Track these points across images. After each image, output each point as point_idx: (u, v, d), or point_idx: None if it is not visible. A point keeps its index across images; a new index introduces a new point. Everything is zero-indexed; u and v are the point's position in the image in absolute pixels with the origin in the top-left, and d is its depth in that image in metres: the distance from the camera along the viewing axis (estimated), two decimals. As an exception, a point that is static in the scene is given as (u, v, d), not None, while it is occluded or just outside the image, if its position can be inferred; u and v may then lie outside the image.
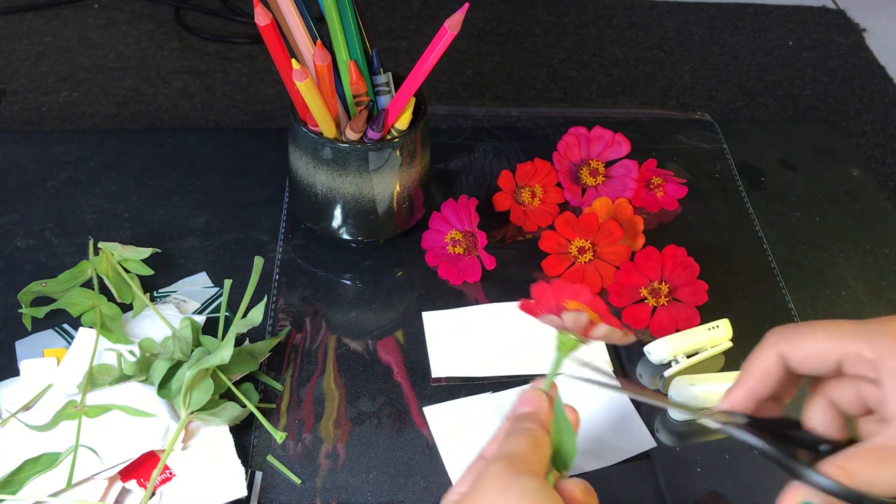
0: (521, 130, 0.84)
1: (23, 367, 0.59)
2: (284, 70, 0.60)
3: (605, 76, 0.97)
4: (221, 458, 0.55)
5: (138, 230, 0.71)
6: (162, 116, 0.86)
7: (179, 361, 0.57)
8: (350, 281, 0.69)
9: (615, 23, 1.06)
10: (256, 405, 0.58)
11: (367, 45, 0.64)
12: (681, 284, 0.67)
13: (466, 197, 0.69)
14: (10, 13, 0.98)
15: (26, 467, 0.52)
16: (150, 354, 0.59)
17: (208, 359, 0.56)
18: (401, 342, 0.64)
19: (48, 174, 0.76)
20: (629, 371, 0.63)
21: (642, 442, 0.58)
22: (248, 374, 0.59)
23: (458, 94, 0.93)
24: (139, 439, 0.54)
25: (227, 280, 0.65)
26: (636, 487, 0.56)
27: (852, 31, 1.09)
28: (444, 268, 0.69)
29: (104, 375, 0.57)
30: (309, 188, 0.66)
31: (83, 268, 0.64)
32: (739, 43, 1.05)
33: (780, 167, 0.82)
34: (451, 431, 0.58)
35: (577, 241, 0.69)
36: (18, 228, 0.71)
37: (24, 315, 0.62)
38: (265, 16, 0.57)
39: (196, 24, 0.99)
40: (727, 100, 0.97)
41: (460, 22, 0.57)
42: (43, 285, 0.62)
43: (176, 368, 0.57)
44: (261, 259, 0.64)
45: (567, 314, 0.45)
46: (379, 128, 0.63)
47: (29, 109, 0.85)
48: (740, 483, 0.57)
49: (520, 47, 1.01)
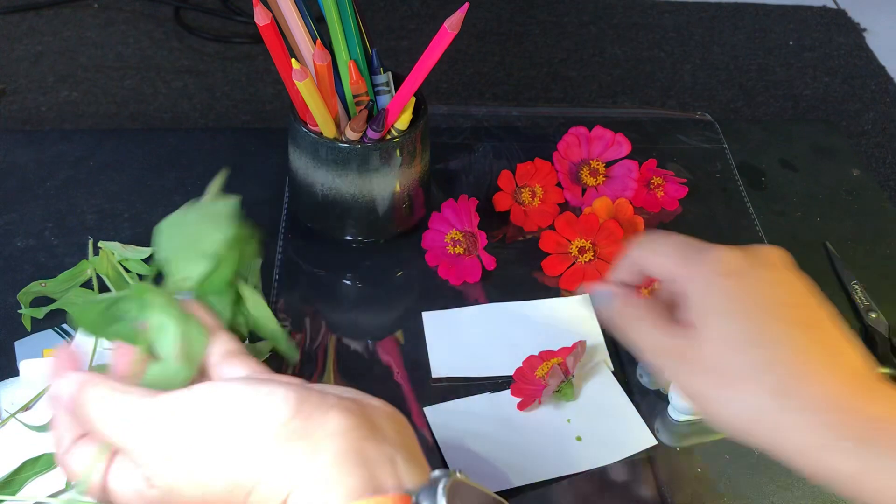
0: (521, 130, 0.84)
1: (22, 367, 0.59)
2: (284, 70, 0.60)
3: (605, 76, 0.97)
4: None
5: (138, 230, 0.71)
6: (162, 116, 0.86)
7: None
8: (350, 281, 0.69)
9: (615, 23, 1.06)
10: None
11: (367, 45, 0.64)
12: (681, 284, 0.66)
13: (466, 197, 0.69)
14: (10, 13, 0.98)
15: (26, 468, 0.52)
16: None
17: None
18: (401, 342, 0.64)
19: (48, 174, 0.76)
20: (629, 371, 0.63)
21: (642, 440, 0.58)
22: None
23: (458, 94, 0.93)
24: None
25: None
26: (636, 487, 0.56)
27: (852, 31, 1.09)
28: (444, 268, 0.69)
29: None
30: (309, 188, 0.66)
31: (83, 268, 0.63)
32: (739, 43, 1.05)
33: (780, 167, 0.82)
34: (451, 431, 0.58)
35: (577, 241, 0.69)
36: (18, 228, 0.71)
37: (23, 315, 0.62)
38: (265, 16, 0.57)
39: (196, 24, 0.99)
40: (727, 100, 0.97)
41: (460, 22, 0.57)
42: (42, 285, 0.62)
43: None
44: (259, 259, 0.64)
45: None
46: (379, 128, 0.63)
47: (28, 109, 0.85)
48: (740, 483, 0.57)
49: (520, 47, 1.01)
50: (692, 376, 0.41)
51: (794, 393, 0.38)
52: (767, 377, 0.39)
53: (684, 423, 0.60)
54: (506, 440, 0.58)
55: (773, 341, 0.39)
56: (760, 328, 0.40)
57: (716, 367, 0.40)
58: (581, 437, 0.58)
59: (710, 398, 0.41)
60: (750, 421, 0.39)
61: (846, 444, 0.37)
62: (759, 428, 0.39)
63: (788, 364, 0.39)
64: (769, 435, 0.39)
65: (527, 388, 0.59)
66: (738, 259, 0.42)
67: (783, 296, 0.41)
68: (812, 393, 0.38)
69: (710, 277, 0.42)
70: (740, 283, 0.41)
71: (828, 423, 0.37)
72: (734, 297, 0.41)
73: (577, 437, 0.58)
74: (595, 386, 0.61)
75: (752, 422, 0.39)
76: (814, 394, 0.38)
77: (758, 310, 0.40)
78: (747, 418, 0.39)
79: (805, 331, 0.40)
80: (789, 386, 0.38)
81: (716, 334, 0.41)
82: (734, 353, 0.40)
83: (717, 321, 0.41)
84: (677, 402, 0.59)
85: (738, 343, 0.40)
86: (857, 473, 0.37)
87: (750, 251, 0.43)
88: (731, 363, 0.40)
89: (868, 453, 0.36)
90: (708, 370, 0.41)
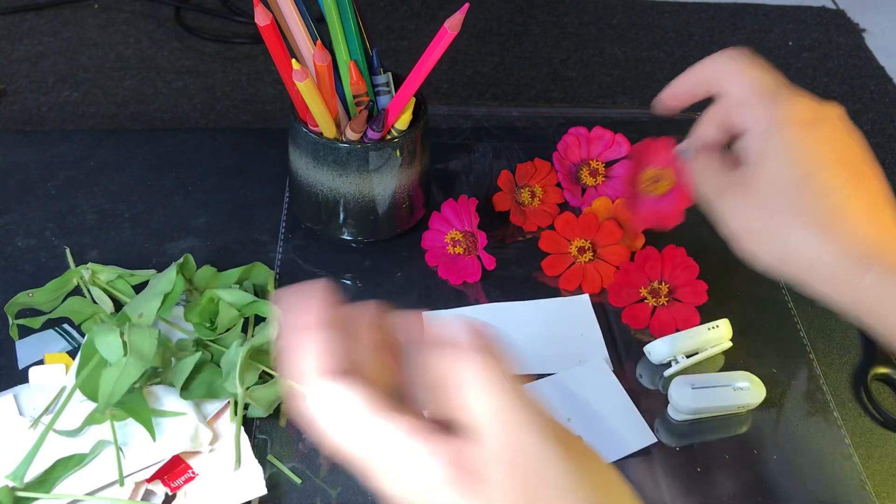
0: (521, 130, 0.84)
1: (32, 374, 0.59)
2: (284, 70, 0.60)
3: (605, 76, 0.96)
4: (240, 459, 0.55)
5: (138, 230, 0.71)
6: (162, 116, 0.86)
7: (201, 362, 0.57)
8: (350, 281, 0.69)
9: (615, 23, 1.06)
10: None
11: (367, 45, 0.64)
12: (681, 284, 0.67)
13: (466, 197, 0.69)
14: (10, 13, 0.98)
15: (59, 467, 0.53)
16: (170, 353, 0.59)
17: (258, 338, 0.58)
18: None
19: (48, 174, 0.76)
20: (628, 370, 0.63)
21: (642, 438, 0.58)
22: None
23: (458, 94, 0.93)
24: (168, 441, 0.54)
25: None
26: (636, 487, 0.56)
27: (852, 31, 1.09)
28: (444, 268, 0.69)
29: None
30: (309, 188, 0.66)
31: (69, 277, 0.63)
32: (739, 43, 1.05)
33: (779, 167, 0.82)
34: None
35: (577, 241, 0.69)
36: (18, 228, 0.71)
37: (11, 326, 0.61)
38: (265, 16, 0.57)
39: (196, 24, 0.99)
40: (727, 100, 0.97)
41: (460, 22, 0.57)
42: (29, 296, 0.61)
43: (197, 371, 0.57)
44: (271, 273, 0.66)
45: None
46: (379, 128, 0.63)
47: (29, 109, 0.85)
48: (740, 483, 0.57)
49: (520, 47, 1.01)
50: (746, 211, 0.46)
51: (836, 232, 0.43)
52: (813, 217, 0.44)
53: (684, 422, 0.60)
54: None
55: (824, 188, 0.44)
56: (814, 176, 0.44)
57: (768, 204, 0.45)
58: (581, 436, 0.58)
59: (758, 232, 0.46)
60: (789, 256, 0.45)
61: (873, 274, 0.42)
62: (797, 262, 0.44)
63: (834, 210, 0.44)
64: (806, 268, 0.44)
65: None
66: (809, 111, 0.46)
67: (839, 150, 0.45)
68: (851, 232, 0.43)
69: (778, 123, 0.46)
70: (804, 133, 0.45)
71: (860, 257, 0.43)
72: (796, 146, 0.45)
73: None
74: (595, 386, 0.61)
75: (792, 257, 0.44)
76: (852, 233, 0.43)
77: (814, 159, 0.45)
78: (787, 253, 0.45)
79: (852, 181, 0.44)
80: (832, 226, 0.43)
81: (773, 176, 0.45)
82: (787, 194, 0.45)
83: (777, 164, 0.45)
84: (677, 401, 0.59)
85: (792, 186, 0.44)
86: (879, 299, 0.42)
87: (820, 106, 0.46)
88: (782, 203, 0.45)
89: (890, 281, 0.42)
90: (761, 206, 0.45)
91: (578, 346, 0.64)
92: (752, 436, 0.60)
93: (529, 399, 0.37)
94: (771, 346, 0.66)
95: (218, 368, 0.58)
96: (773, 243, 0.45)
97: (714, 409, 0.60)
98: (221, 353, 0.58)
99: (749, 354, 0.65)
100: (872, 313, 0.43)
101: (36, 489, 0.52)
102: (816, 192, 0.44)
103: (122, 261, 0.67)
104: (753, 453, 0.59)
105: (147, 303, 0.59)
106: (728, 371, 0.62)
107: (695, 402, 0.59)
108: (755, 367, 0.62)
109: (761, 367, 0.63)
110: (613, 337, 0.66)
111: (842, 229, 0.43)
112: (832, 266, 0.43)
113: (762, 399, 0.60)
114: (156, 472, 0.54)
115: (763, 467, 0.58)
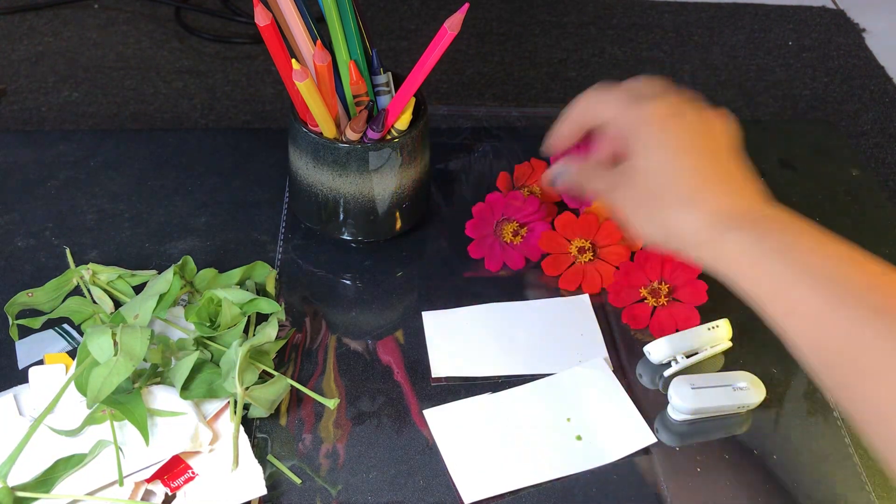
0: (521, 130, 0.84)
1: (32, 374, 0.59)
2: (284, 70, 0.60)
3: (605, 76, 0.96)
4: (240, 459, 0.55)
5: (138, 230, 0.71)
6: (162, 116, 0.86)
7: (201, 362, 0.57)
8: (350, 281, 0.69)
9: (615, 23, 1.06)
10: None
11: (367, 45, 0.64)
12: (680, 284, 0.67)
13: None
14: (10, 13, 0.98)
15: (59, 467, 0.52)
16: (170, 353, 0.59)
17: (258, 337, 0.58)
18: (401, 342, 0.65)
19: (48, 174, 0.76)
20: (628, 370, 0.63)
21: (642, 438, 0.58)
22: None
23: (458, 94, 0.93)
24: (168, 441, 0.54)
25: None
26: (636, 487, 0.56)
27: (852, 31, 1.09)
28: (489, 256, 0.70)
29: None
30: (309, 188, 0.66)
31: (68, 276, 0.63)
32: (739, 43, 1.05)
33: (780, 167, 0.82)
34: (452, 432, 0.58)
35: (576, 241, 0.69)
36: (18, 228, 0.71)
37: (11, 327, 0.61)
38: (265, 16, 0.57)
39: (196, 24, 0.99)
40: (726, 100, 0.97)
41: (460, 22, 0.57)
42: (29, 296, 0.61)
43: (196, 371, 0.57)
44: (273, 272, 0.66)
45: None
46: (379, 128, 0.63)
47: (29, 109, 0.85)
48: (740, 483, 0.57)
49: (520, 47, 1.01)
50: (631, 198, 0.53)
51: (698, 205, 0.50)
52: (680, 194, 0.51)
53: (684, 422, 0.60)
54: (506, 440, 0.58)
55: (685, 169, 0.51)
56: (676, 160, 0.51)
57: (646, 189, 0.52)
58: (581, 436, 0.58)
59: (642, 214, 0.53)
60: (668, 230, 0.51)
61: (732, 234, 0.49)
62: (675, 235, 0.51)
63: (695, 187, 0.51)
64: (683, 239, 0.51)
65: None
66: (667, 107, 0.53)
67: (697, 137, 0.52)
68: (711, 202, 0.50)
69: (643, 120, 0.52)
70: (664, 126, 0.52)
71: (721, 222, 0.49)
72: (660, 136, 0.52)
73: (577, 436, 0.58)
74: (595, 385, 0.61)
75: (670, 231, 0.51)
76: (713, 203, 0.50)
77: (675, 146, 0.52)
78: (666, 228, 0.51)
79: (709, 162, 0.52)
80: (695, 200, 0.50)
81: (644, 164, 0.52)
82: (657, 178, 0.52)
83: (645, 154, 0.52)
84: (677, 401, 0.59)
85: (660, 171, 0.52)
86: (738, 253, 0.48)
87: (678, 103, 0.53)
88: (654, 186, 0.52)
89: (746, 237, 0.48)
90: (641, 192, 0.52)
91: (578, 346, 0.64)
92: (752, 436, 0.60)
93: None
94: (771, 346, 0.66)
95: (218, 368, 0.58)
96: (653, 221, 0.52)
97: (714, 409, 0.60)
98: (221, 352, 0.58)
99: (749, 354, 0.65)
100: (735, 270, 0.49)
101: (36, 489, 0.52)
102: (679, 173, 0.51)
103: (122, 261, 0.68)
104: (753, 453, 0.59)
105: (143, 304, 0.59)
106: (728, 371, 0.62)
107: (695, 402, 0.59)
108: (755, 367, 0.63)
109: (761, 367, 0.63)
110: (613, 337, 0.66)
111: (703, 202, 0.50)
112: (700, 233, 0.50)
113: (762, 399, 0.60)
114: (155, 472, 0.54)
115: (763, 467, 0.58)
